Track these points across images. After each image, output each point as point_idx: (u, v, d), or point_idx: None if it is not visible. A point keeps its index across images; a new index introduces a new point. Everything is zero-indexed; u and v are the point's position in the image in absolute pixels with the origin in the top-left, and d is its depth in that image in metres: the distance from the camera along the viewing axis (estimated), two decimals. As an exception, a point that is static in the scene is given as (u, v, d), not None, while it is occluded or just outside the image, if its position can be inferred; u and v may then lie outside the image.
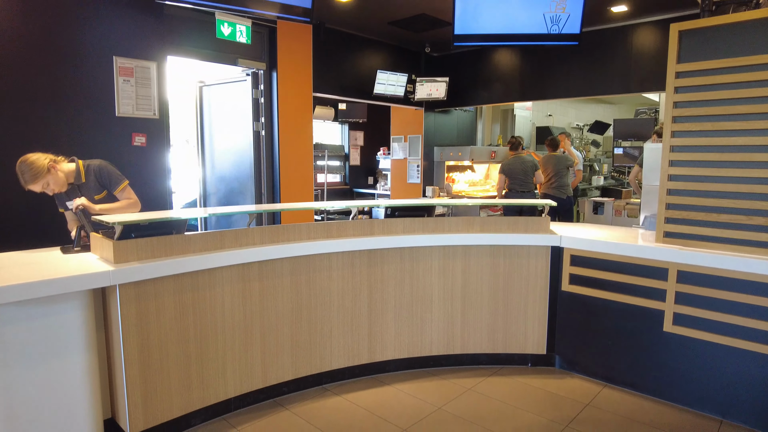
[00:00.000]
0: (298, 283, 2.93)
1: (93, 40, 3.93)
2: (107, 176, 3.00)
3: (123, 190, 3.03)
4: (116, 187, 3.01)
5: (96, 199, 2.97)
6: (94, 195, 2.97)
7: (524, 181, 6.05)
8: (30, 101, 3.67)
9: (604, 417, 2.78)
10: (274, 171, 5.35)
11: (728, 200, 2.71)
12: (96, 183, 2.99)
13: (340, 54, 6.19)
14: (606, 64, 5.84)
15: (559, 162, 6.11)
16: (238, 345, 2.75)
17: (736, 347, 2.66)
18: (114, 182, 3.01)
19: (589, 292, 3.17)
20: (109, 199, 3.02)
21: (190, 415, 2.63)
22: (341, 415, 2.79)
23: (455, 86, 6.95)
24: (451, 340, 3.35)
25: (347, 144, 9.01)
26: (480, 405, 2.90)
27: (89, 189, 2.97)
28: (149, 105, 4.30)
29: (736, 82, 2.64)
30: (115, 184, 3.01)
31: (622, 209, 6.32)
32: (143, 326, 2.40)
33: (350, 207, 3.38)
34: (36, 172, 2.71)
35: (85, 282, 2.18)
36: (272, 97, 5.26)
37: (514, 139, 6.26)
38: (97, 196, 2.98)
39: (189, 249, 2.59)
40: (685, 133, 2.85)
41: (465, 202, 3.51)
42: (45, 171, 2.73)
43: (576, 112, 11.33)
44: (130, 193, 3.06)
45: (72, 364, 2.25)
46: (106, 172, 3.00)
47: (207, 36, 4.72)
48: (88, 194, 2.95)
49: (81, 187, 2.96)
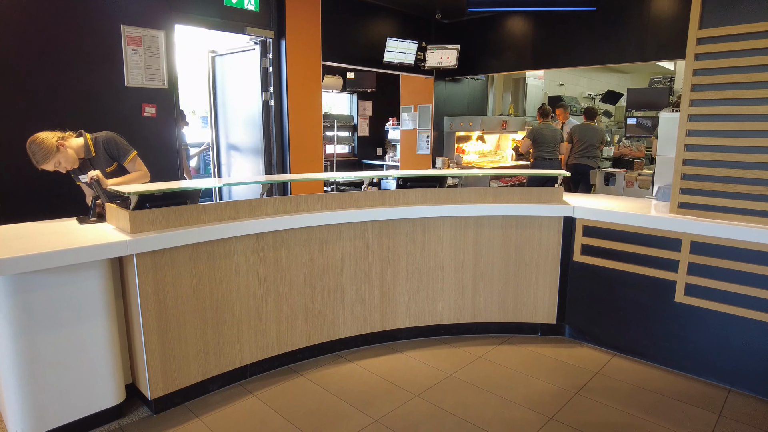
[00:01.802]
0: (311, 252, 2.96)
1: (100, 9, 3.87)
2: (115, 147, 2.98)
3: (132, 161, 3.02)
4: (125, 158, 3.00)
5: (107, 171, 2.98)
6: (105, 168, 2.98)
7: (552, 149, 6.31)
8: (38, 73, 3.65)
9: (613, 385, 2.83)
10: (284, 141, 5.32)
11: (746, 170, 2.67)
12: (105, 155, 2.98)
13: (350, 21, 6.07)
14: (621, 31, 5.67)
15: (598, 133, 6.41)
16: (254, 313, 2.80)
17: (747, 317, 2.67)
18: (123, 153, 2.99)
19: (600, 263, 3.17)
20: (119, 172, 3.02)
21: (207, 381, 2.70)
22: (354, 381, 2.86)
23: (466, 54, 6.82)
24: (461, 309, 3.39)
25: (356, 114, 8.92)
26: (491, 372, 2.96)
27: (100, 162, 2.98)
28: (158, 75, 4.26)
29: (760, 48, 2.57)
30: (123, 155, 2.99)
31: (634, 180, 6.26)
32: (160, 295, 2.44)
33: (362, 178, 3.37)
34: (46, 153, 2.71)
35: (103, 251, 2.22)
36: (281, 66, 5.19)
37: (545, 107, 6.52)
38: (108, 168, 2.99)
39: (204, 219, 2.61)
40: (704, 101, 2.79)
41: (476, 173, 3.49)
42: (54, 151, 2.73)
43: (588, 81, 11.11)
44: (141, 165, 3.05)
45: (94, 330, 2.31)
46: (114, 143, 2.98)
47: (215, 3, 4.64)
48: (99, 167, 2.96)
49: (92, 161, 2.96)
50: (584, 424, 2.45)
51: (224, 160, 5.87)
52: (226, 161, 5.85)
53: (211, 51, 5.72)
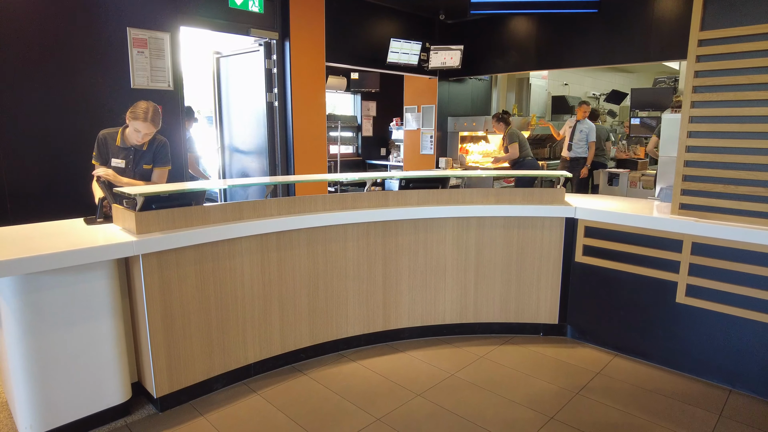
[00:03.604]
0: (314, 253, 2.99)
1: (106, 12, 3.92)
2: (163, 153, 3.17)
3: (162, 172, 3.19)
4: (160, 165, 3.17)
5: (144, 168, 3.12)
6: (143, 164, 3.12)
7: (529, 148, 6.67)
8: (46, 74, 3.70)
9: (614, 385, 2.84)
10: (288, 142, 5.36)
11: (747, 172, 2.68)
12: (152, 154, 3.14)
13: (353, 22, 6.10)
14: (625, 32, 5.67)
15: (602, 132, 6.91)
16: (258, 313, 2.84)
17: (748, 318, 2.68)
18: (162, 160, 3.17)
19: (602, 264, 3.19)
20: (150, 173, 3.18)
21: (212, 380, 2.74)
22: (357, 380, 2.89)
23: (470, 54, 6.83)
24: (464, 310, 3.41)
25: (359, 114, 8.95)
26: (492, 372, 2.98)
27: (144, 156, 3.12)
28: (164, 76, 4.31)
29: (762, 50, 2.58)
30: (161, 162, 3.17)
31: (638, 180, 6.25)
32: (166, 294, 2.48)
33: (365, 179, 3.40)
34: (159, 122, 2.98)
35: (110, 252, 2.26)
36: (285, 67, 5.23)
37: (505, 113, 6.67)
38: (146, 166, 3.13)
39: (209, 220, 2.65)
40: (705, 103, 2.80)
41: (479, 174, 3.51)
42: (154, 117, 2.95)
43: (592, 80, 11.09)
44: (164, 178, 3.21)
45: (101, 329, 2.35)
46: (165, 149, 3.19)
47: (219, 5, 4.68)
48: (140, 160, 3.10)
49: (138, 153, 3.10)
50: (585, 424, 2.47)
51: (227, 160, 5.91)
52: (230, 161, 5.90)
53: (216, 52, 5.76)
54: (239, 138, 5.73)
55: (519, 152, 6.35)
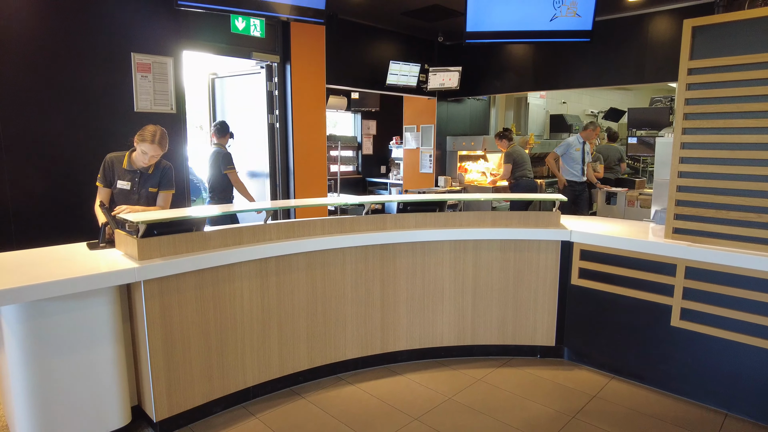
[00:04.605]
0: (313, 276, 3.03)
1: (112, 38, 4.02)
2: (168, 177, 3.26)
3: (167, 196, 3.27)
4: (165, 189, 3.26)
5: (150, 190, 3.20)
6: (149, 188, 3.20)
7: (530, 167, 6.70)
8: (52, 98, 3.78)
9: (610, 408, 2.86)
10: (289, 163, 5.43)
11: (738, 198, 2.73)
12: (157, 178, 3.22)
13: (353, 45, 6.21)
14: (620, 54, 5.78)
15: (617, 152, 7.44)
16: (257, 336, 2.87)
17: (742, 342, 2.71)
18: (167, 184, 3.26)
19: (598, 286, 3.22)
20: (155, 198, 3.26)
21: (211, 403, 2.76)
22: (355, 403, 2.91)
23: (468, 76, 6.94)
24: (461, 332, 3.44)
25: (360, 133, 9.05)
26: (489, 395, 3.00)
27: (150, 179, 3.20)
28: (166, 100, 4.39)
29: (749, 79, 2.65)
30: (166, 186, 3.26)
31: (635, 200, 6.30)
32: (166, 319, 2.52)
33: (364, 203, 3.45)
34: (167, 145, 3.07)
35: (113, 278, 2.30)
36: (286, 89, 5.32)
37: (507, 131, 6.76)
38: (152, 189, 3.22)
39: (209, 245, 2.70)
40: (696, 130, 2.86)
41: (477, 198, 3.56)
42: (161, 140, 3.04)
43: (591, 98, 11.20)
44: (169, 202, 3.29)
45: (102, 353, 2.39)
46: (171, 174, 3.28)
47: (222, 30, 4.79)
48: (145, 184, 3.18)
49: (144, 175, 3.18)
50: (580, 449, 2.49)
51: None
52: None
53: (212, 73, 5.84)
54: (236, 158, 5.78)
55: (511, 173, 6.41)
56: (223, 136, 4.93)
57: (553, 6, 4.08)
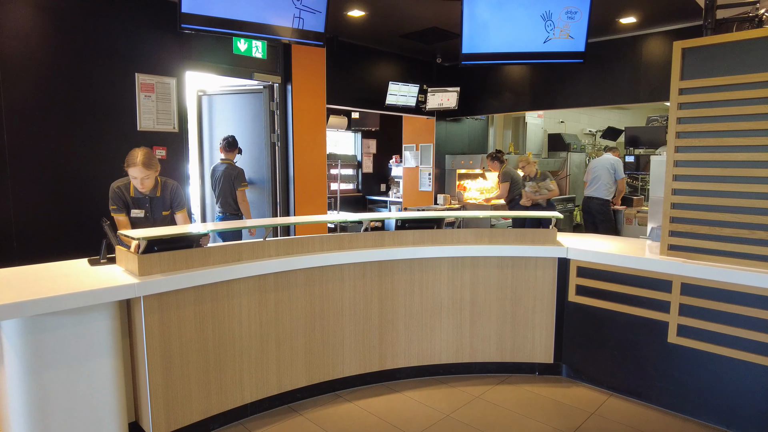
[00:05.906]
0: (311, 293, 3.05)
1: (116, 59, 4.11)
2: (178, 197, 3.29)
3: (183, 213, 3.32)
4: (179, 208, 3.30)
5: (163, 214, 3.23)
6: (162, 211, 3.23)
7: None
8: (57, 117, 3.86)
9: (609, 426, 2.85)
10: (289, 181, 5.49)
11: (731, 214, 2.76)
12: (167, 200, 3.25)
13: (353, 66, 6.33)
14: (615, 74, 5.89)
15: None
16: (255, 353, 2.88)
17: (740, 359, 2.71)
18: (180, 203, 3.30)
19: (595, 303, 3.24)
20: (170, 218, 3.29)
21: (209, 420, 2.75)
22: (353, 421, 2.90)
23: (466, 96, 7.05)
24: (459, 349, 3.44)
25: (360, 152, 9.14)
26: (488, 413, 2.99)
27: (159, 203, 3.23)
28: (169, 119, 4.47)
29: (739, 98, 2.71)
30: (179, 205, 3.30)
31: (633, 217, 6.35)
32: (165, 335, 2.53)
33: (362, 220, 3.49)
34: (156, 164, 3.08)
35: (113, 294, 2.33)
36: (287, 109, 5.41)
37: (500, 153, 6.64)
38: (165, 212, 3.25)
39: (208, 261, 2.73)
40: (688, 148, 2.91)
41: (476, 215, 3.59)
42: (158, 168, 3.07)
43: (589, 118, 11.32)
44: (187, 219, 3.34)
45: (101, 369, 2.40)
46: (180, 192, 3.31)
47: (224, 51, 4.90)
48: (158, 208, 3.20)
49: (153, 200, 3.20)
50: (578, 466, 2.48)
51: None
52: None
53: (200, 90, 5.82)
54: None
55: (508, 192, 6.43)
56: (232, 151, 4.96)
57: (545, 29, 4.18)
